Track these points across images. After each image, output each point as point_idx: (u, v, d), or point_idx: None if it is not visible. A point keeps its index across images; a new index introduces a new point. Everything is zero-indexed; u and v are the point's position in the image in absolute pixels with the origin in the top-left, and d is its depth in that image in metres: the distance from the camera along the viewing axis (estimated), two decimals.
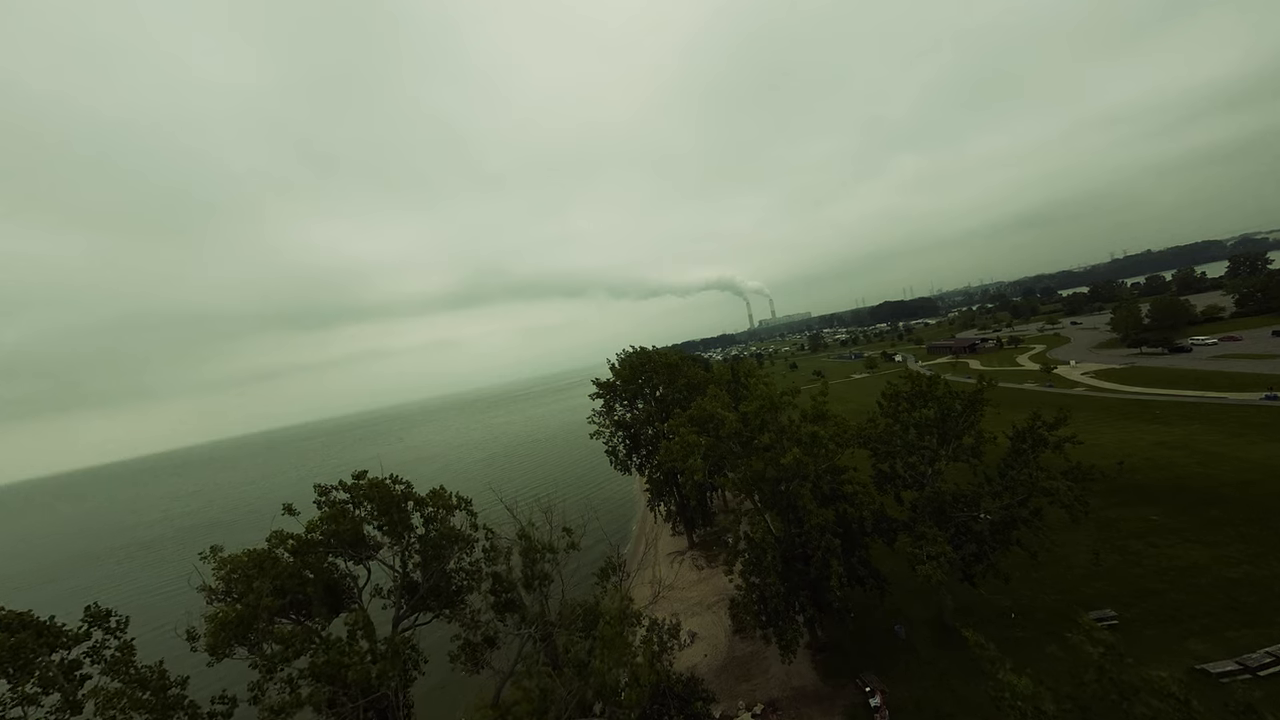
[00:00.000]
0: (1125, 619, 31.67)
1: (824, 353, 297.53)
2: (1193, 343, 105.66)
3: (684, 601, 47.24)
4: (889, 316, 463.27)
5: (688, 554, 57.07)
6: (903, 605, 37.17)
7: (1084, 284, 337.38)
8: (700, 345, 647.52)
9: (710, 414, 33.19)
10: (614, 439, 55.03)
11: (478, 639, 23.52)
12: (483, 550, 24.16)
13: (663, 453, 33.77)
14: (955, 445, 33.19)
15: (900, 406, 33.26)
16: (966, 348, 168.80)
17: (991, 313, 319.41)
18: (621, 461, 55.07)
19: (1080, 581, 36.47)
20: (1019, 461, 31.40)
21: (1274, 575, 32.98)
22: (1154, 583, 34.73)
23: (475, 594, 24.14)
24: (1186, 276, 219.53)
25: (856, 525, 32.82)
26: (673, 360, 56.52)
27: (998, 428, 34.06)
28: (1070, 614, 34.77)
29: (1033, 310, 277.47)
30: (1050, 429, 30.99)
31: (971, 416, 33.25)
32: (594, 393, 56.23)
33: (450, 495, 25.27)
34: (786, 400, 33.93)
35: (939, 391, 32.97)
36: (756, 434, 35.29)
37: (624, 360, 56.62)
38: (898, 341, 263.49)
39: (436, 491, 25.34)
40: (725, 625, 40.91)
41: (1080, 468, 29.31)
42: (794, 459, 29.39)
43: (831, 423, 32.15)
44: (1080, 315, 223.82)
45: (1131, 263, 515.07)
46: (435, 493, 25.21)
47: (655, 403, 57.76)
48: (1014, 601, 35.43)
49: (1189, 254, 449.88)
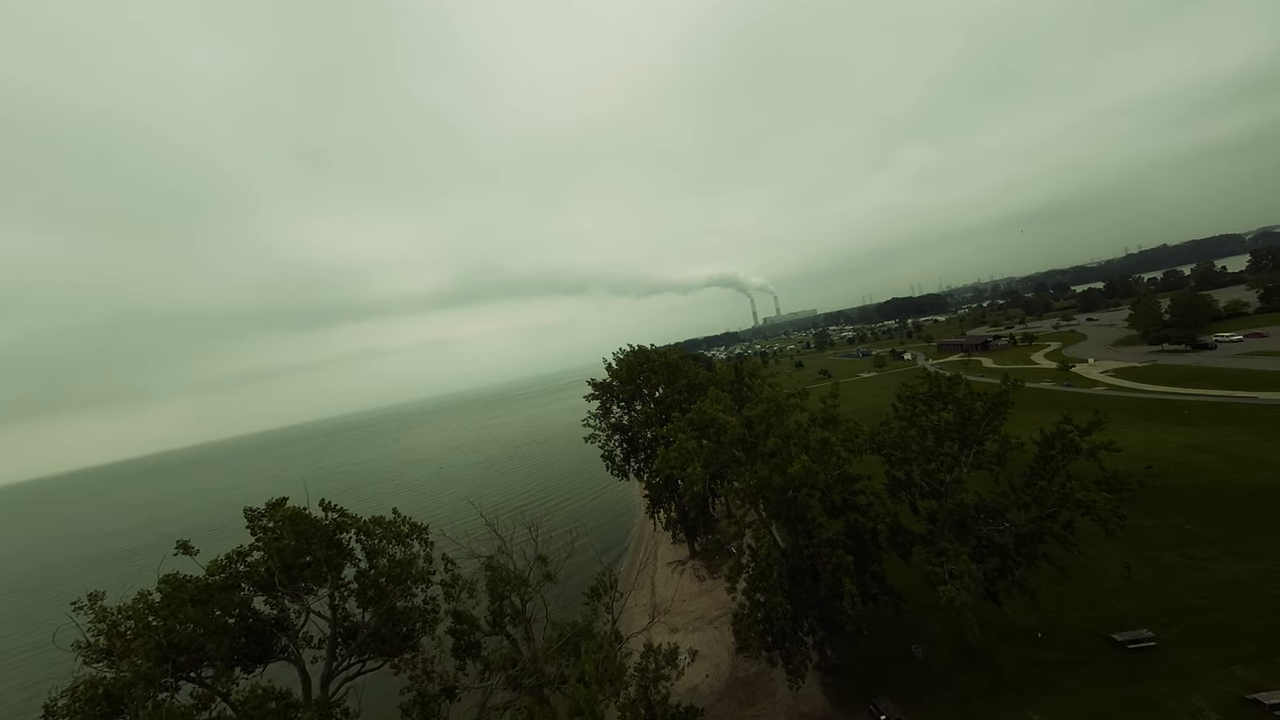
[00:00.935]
0: (1163, 640, 29.67)
1: (830, 351, 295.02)
2: (1217, 339, 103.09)
3: (684, 615, 45.43)
4: (897, 313, 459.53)
5: (689, 563, 55.24)
6: (919, 622, 35.20)
7: (1098, 279, 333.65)
8: (703, 343, 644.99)
9: (711, 418, 31.28)
10: (610, 443, 53.13)
11: (434, 690, 20.58)
12: (441, 584, 21.45)
13: (660, 460, 31.88)
14: (976, 451, 31.27)
15: (917, 409, 31.30)
16: (978, 345, 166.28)
17: (1003, 309, 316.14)
18: (619, 467, 53.17)
19: (1111, 597, 34.47)
20: (1047, 470, 29.41)
21: None
22: (1193, 599, 32.70)
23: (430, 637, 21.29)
24: (1206, 271, 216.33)
25: (869, 538, 30.93)
26: (672, 359, 54.59)
27: (1017, 430, 32.08)
28: (1101, 633, 33.06)
29: (1046, 306, 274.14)
30: (1083, 434, 29.01)
31: (994, 420, 31.30)
32: (589, 394, 54.34)
33: (401, 522, 22.30)
34: (794, 403, 32.00)
35: (959, 393, 31.02)
36: (761, 439, 33.39)
37: (621, 360, 54.73)
38: (906, 339, 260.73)
39: (381, 519, 22.41)
40: (728, 642, 39.06)
41: (1117, 477, 27.30)
42: (802, 467, 27.48)
43: (843, 427, 30.20)
44: (1096, 311, 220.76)
45: (1146, 257, 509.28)
46: (379, 520, 22.31)
47: (654, 404, 55.87)
48: (1040, 619, 33.47)
49: (1206, 248, 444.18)
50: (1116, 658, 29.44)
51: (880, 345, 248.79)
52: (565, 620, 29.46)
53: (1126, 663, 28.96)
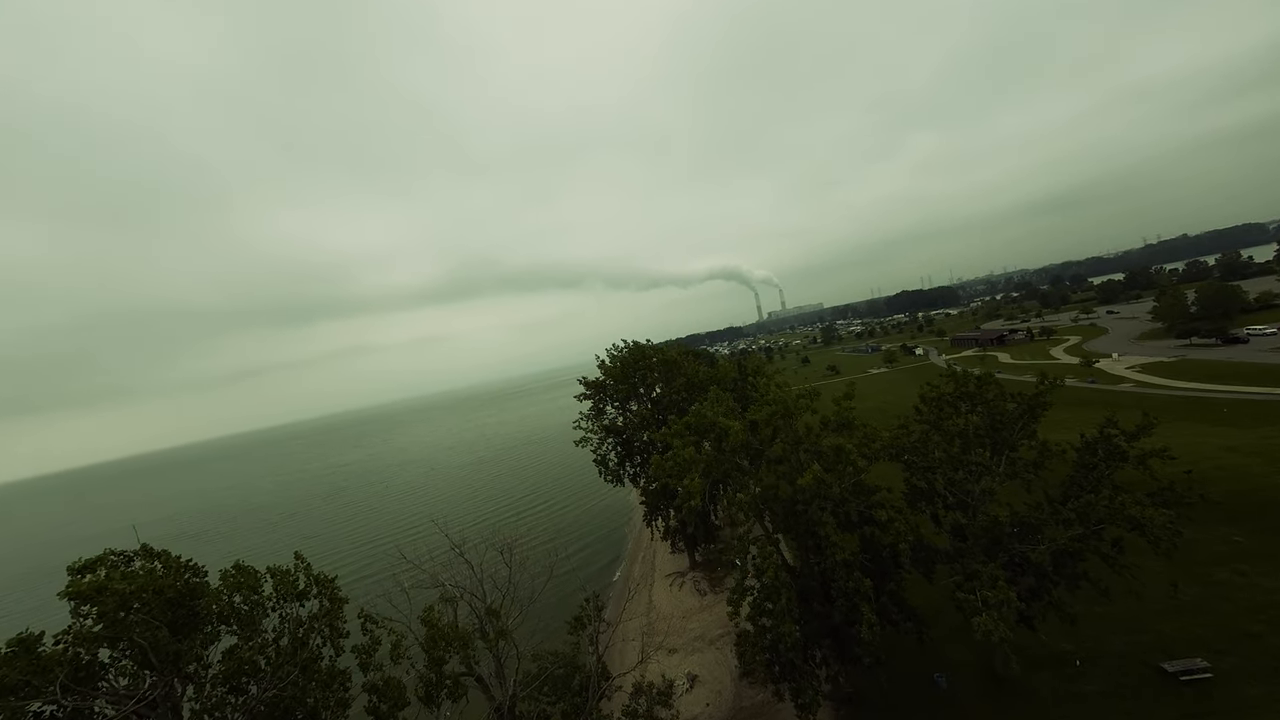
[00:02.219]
0: (1220, 671, 27.11)
1: (838, 346, 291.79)
2: (1249, 333, 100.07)
3: (683, 635, 43.05)
4: (907, 307, 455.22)
5: (689, 575, 52.86)
6: (942, 646, 32.72)
7: (1117, 270, 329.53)
8: (706, 339, 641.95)
9: (711, 422, 28.72)
10: (604, 446, 50.63)
11: None
12: (355, 650, 16.76)
13: (654, 468, 29.40)
14: (1009, 457, 28.69)
15: (944, 411, 28.69)
16: (994, 340, 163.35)
17: (1018, 301, 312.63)
18: (613, 471, 50.70)
19: (1156, 619, 31.87)
20: (1091, 479, 26.84)
21: None
22: (1249, 623, 30.12)
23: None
24: (1232, 261, 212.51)
25: (888, 554, 28.43)
26: (671, 356, 51.99)
27: (1042, 432, 29.48)
28: (1149, 661, 30.59)
29: (1063, 299, 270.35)
30: (1130, 439, 26.42)
31: (1029, 423, 28.72)
32: (581, 393, 51.77)
33: (295, 575, 16.99)
34: (804, 404, 29.42)
35: (990, 394, 28.39)
36: (767, 445, 30.82)
37: (615, 356, 52.16)
38: (917, 333, 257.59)
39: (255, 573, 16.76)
40: (730, 666, 36.66)
41: (1174, 490, 24.71)
42: (814, 478, 24.94)
43: (859, 432, 27.61)
44: (1116, 304, 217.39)
45: (1166, 248, 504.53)
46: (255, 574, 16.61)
47: (651, 404, 53.34)
48: (1077, 644, 30.94)
49: (1229, 237, 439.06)
50: (1167, 690, 26.92)
51: (890, 340, 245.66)
52: (548, 651, 27.08)
53: (1178, 696, 26.44)
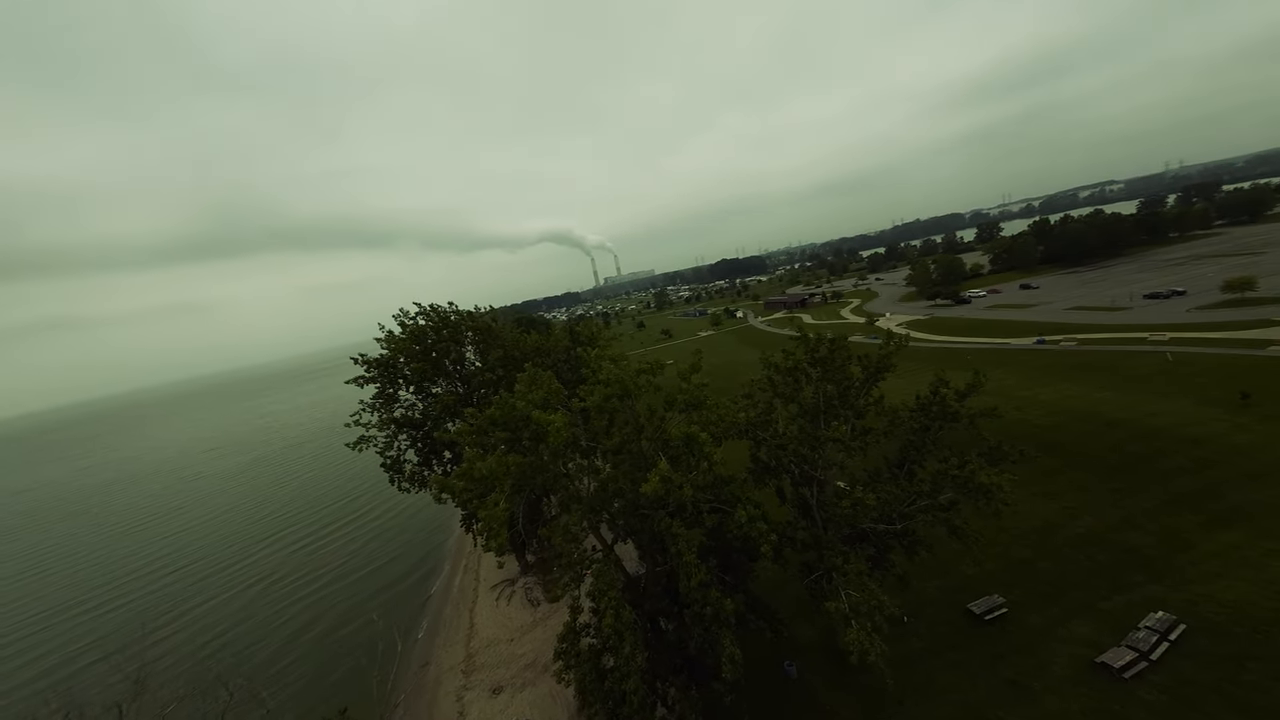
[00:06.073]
0: (1013, 604, 29.85)
1: (670, 310, 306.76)
2: (970, 295, 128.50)
3: (512, 664, 35.59)
4: (726, 274, 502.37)
5: (519, 582, 45.28)
6: (789, 623, 31.12)
7: (878, 245, 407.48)
8: (543, 304, 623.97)
9: (523, 415, 20.66)
10: (396, 445, 38.77)
11: None
12: None
13: (436, 487, 20.48)
14: (855, 425, 26.82)
15: (799, 382, 25.27)
16: (798, 303, 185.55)
17: (810, 270, 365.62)
18: (411, 476, 39.30)
19: (954, 561, 34.55)
20: (926, 441, 26.21)
21: (1110, 525, 34.83)
22: (1020, 550, 34.38)
23: None
24: (952, 240, 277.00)
25: (740, 546, 24.64)
26: (482, 323, 41.87)
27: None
28: (959, 605, 33.19)
29: (844, 268, 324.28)
30: (961, 398, 26.20)
31: (872, 388, 27.10)
32: (358, 377, 38.32)
33: None
34: (646, 382, 23.21)
35: (839, 359, 25.77)
36: (601, 437, 24.05)
37: (407, 325, 39.98)
38: (737, 298, 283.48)
39: None
40: (568, 701, 30.47)
41: (1001, 449, 24.83)
42: (661, 480, 18.93)
43: (712, 413, 22.43)
44: (881, 272, 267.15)
45: (907, 229, 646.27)
46: None
47: (463, 384, 42.91)
48: (902, 599, 31.83)
49: (943, 224, 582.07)
50: (977, 634, 28.65)
51: (714, 304, 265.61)
52: None
53: (987, 637, 28.25)
